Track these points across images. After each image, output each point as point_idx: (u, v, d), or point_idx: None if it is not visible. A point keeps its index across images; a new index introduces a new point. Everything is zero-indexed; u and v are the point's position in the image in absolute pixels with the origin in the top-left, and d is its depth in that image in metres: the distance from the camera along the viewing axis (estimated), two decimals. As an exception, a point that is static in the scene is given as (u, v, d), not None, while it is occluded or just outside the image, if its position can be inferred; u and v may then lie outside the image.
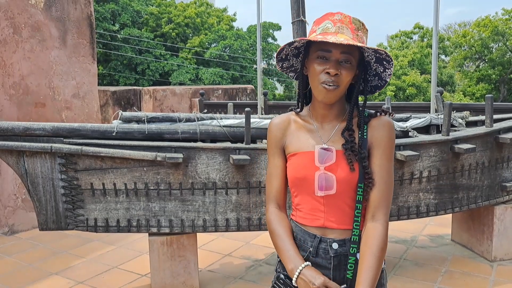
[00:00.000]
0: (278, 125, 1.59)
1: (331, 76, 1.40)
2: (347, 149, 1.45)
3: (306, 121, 1.56)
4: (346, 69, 1.41)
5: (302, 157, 1.50)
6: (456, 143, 3.43)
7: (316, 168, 1.46)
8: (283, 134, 1.57)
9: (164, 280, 3.32)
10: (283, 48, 1.50)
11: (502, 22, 25.59)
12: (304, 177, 1.48)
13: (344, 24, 1.42)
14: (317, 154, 1.47)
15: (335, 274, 1.48)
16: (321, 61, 1.42)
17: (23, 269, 3.96)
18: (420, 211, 3.46)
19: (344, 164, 1.45)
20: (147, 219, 3.19)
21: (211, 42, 26.49)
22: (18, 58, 4.94)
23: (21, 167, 3.01)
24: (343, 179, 1.44)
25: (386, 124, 1.49)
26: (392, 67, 1.45)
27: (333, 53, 1.40)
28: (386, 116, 1.51)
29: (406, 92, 23.41)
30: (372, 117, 1.50)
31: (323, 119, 1.53)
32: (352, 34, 1.41)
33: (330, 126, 1.51)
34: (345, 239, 1.47)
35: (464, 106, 6.27)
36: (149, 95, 9.22)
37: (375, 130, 1.48)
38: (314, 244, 1.48)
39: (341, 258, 1.47)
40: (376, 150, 1.47)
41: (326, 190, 1.45)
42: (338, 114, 1.52)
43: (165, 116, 3.43)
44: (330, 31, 1.42)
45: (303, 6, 3.48)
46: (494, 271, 3.69)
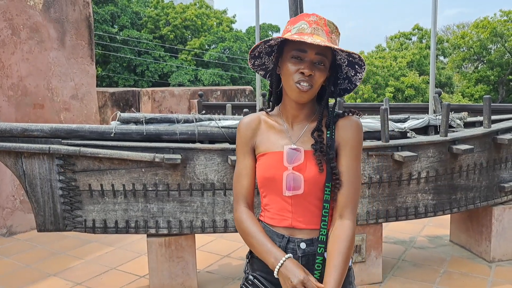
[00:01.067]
0: (248, 124, 1.58)
1: (305, 76, 1.41)
2: (316, 149, 1.45)
3: (276, 121, 1.56)
4: (319, 70, 1.42)
5: (271, 157, 1.50)
6: (454, 143, 3.44)
7: (285, 168, 1.46)
8: (253, 134, 1.56)
9: (163, 281, 3.32)
10: (258, 45, 1.50)
11: (500, 23, 25.64)
12: (272, 177, 1.48)
13: (319, 26, 1.43)
14: (286, 154, 1.47)
15: None
16: (296, 61, 1.42)
17: (21, 270, 3.96)
18: (419, 211, 3.46)
19: (312, 164, 1.45)
20: (145, 220, 3.19)
21: (211, 44, 26.51)
22: (17, 59, 4.94)
23: (19, 168, 3.01)
24: (310, 179, 1.45)
25: (354, 124, 1.50)
26: (364, 71, 1.47)
27: (308, 53, 1.41)
28: (353, 116, 1.52)
29: (404, 93, 23.44)
30: (339, 117, 1.51)
31: (293, 119, 1.53)
32: (327, 36, 1.43)
33: (300, 126, 1.52)
34: (313, 238, 1.48)
35: (462, 107, 6.28)
36: (148, 96, 9.22)
37: (342, 130, 1.49)
38: (282, 244, 1.48)
39: (309, 258, 1.47)
40: (343, 150, 1.48)
41: (294, 190, 1.46)
42: (308, 114, 1.53)
43: (163, 117, 3.43)
44: (305, 31, 1.42)
45: (301, 7, 3.48)
46: (492, 272, 3.69)
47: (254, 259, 1.56)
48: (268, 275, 1.50)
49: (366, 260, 3.47)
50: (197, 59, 25.40)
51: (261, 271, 1.52)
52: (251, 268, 1.57)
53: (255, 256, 1.54)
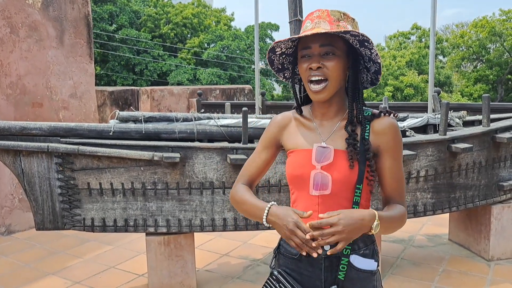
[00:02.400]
0: (278, 122, 1.59)
1: (313, 70, 1.39)
2: (349, 144, 1.42)
3: (307, 119, 1.54)
4: (329, 60, 1.39)
5: (299, 154, 1.49)
6: (453, 142, 3.44)
7: (313, 166, 1.45)
8: (280, 132, 1.57)
9: (162, 280, 3.31)
10: (270, 57, 1.51)
11: (499, 22, 25.65)
12: (300, 175, 1.47)
13: (321, 18, 1.41)
14: (315, 152, 1.45)
15: (326, 274, 1.47)
16: (305, 59, 1.43)
17: (20, 269, 3.95)
18: (418, 210, 3.46)
19: (342, 164, 1.43)
20: (144, 219, 3.18)
21: (209, 43, 26.48)
22: (15, 57, 4.93)
23: (17, 167, 3.00)
24: (339, 179, 1.42)
25: (392, 127, 1.46)
26: (373, 46, 1.40)
27: (312, 48, 1.40)
28: (390, 117, 1.48)
29: (403, 92, 23.45)
30: (375, 117, 1.47)
31: (322, 117, 1.51)
32: (331, 25, 1.39)
33: (330, 124, 1.49)
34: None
35: (461, 106, 6.28)
36: (147, 95, 9.21)
37: (381, 134, 1.45)
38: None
39: (333, 260, 1.46)
40: (385, 154, 1.46)
41: (321, 189, 1.44)
42: (338, 111, 1.50)
43: (162, 115, 3.43)
44: (308, 29, 1.42)
45: (301, 5, 3.47)
46: (491, 271, 3.70)
47: (280, 255, 1.56)
48: (293, 272, 1.51)
49: (365, 258, 3.47)
50: (196, 58, 25.39)
51: (287, 267, 1.53)
52: (277, 263, 1.57)
53: (282, 251, 1.55)
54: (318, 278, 1.47)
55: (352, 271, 1.45)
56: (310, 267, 1.48)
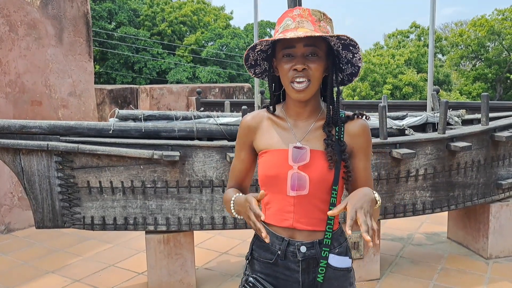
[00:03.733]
0: (249, 121, 1.55)
1: (299, 72, 1.37)
2: (328, 145, 1.42)
3: (280, 118, 1.51)
4: (313, 62, 1.38)
5: (274, 155, 1.46)
6: (452, 141, 3.45)
7: (290, 167, 1.42)
8: (253, 131, 1.54)
9: (161, 278, 3.32)
10: (248, 53, 1.47)
11: (497, 21, 25.66)
12: (276, 175, 1.43)
13: (303, 18, 1.39)
14: (291, 152, 1.43)
15: (303, 277, 1.46)
16: (288, 59, 1.39)
17: (20, 267, 3.96)
18: (416, 208, 3.47)
19: (319, 165, 1.42)
20: (144, 217, 3.19)
21: (208, 41, 26.45)
22: (14, 56, 4.92)
23: (17, 165, 3.00)
24: (317, 179, 1.41)
25: (365, 128, 1.48)
26: (359, 50, 1.40)
27: (297, 48, 1.37)
28: (362, 119, 1.49)
29: (402, 91, 23.46)
30: (349, 119, 1.48)
31: (297, 117, 1.49)
32: (314, 25, 1.38)
33: (305, 124, 1.48)
34: (314, 241, 1.45)
35: (460, 105, 6.29)
36: (146, 94, 9.20)
37: (355, 136, 1.46)
38: (282, 247, 1.46)
39: (310, 261, 1.45)
40: (359, 155, 1.48)
41: (298, 190, 1.42)
42: (313, 111, 1.49)
43: (162, 114, 3.43)
44: (290, 27, 1.38)
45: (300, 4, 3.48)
46: (489, 269, 3.71)
47: (254, 260, 1.54)
48: (269, 277, 1.49)
49: (364, 257, 3.48)
50: (194, 56, 25.36)
51: (261, 272, 1.51)
52: (251, 269, 1.55)
53: (255, 256, 1.53)
54: (295, 281, 1.46)
55: (329, 271, 1.45)
56: (286, 270, 1.47)
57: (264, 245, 1.50)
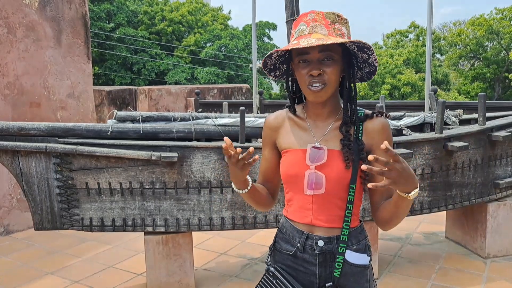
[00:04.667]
0: (272, 122, 1.61)
1: (315, 77, 1.40)
2: (344, 145, 1.45)
3: (300, 118, 1.56)
4: (329, 66, 1.40)
5: (293, 154, 1.51)
6: (449, 141, 3.46)
7: (307, 166, 1.47)
8: (275, 131, 1.59)
9: (160, 279, 3.33)
10: (265, 61, 1.51)
11: (496, 21, 25.70)
12: (294, 174, 1.49)
13: (317, 22, 1.41)
14: (309, 152, 1.47)
15: (320, 270, 1.50)
16: (304, 65, 1.42)
17: (19, 269, 3.96)
18: (414, 208, 3.48)
19: (335, 164, 1.45)
20: (143, 218, 3.20)
21: (206, 42, 26.46)
22: (13, 58, 4.93)
23: (16, 167, 3.01)
24: (333, 179, 1.45)
25: (384, 126, 1.49)
26: (374, 52, 1.42)
27: (311, 54, 1.40)
28: (382, 117, 1.51)
29: (401, 90, 23.48)
30: (368, 118, 1.50)
31: (316, 117, 1.53)
32: (328, 29, 1.40)
33: (324, 125, 1.51)
34: (331, 237, 1.49)
35: (457, 104, 6.30)
36: (145, 95, 9.21)
37: (374, 134, 1.48)
38: (301, 240, 1.51)
39: (327, 256, 1.49)
40: (379, 153, 1.46)
41: (315, 189, 1.46)
42: (332, 111, 1.52)
43: (160, 115, 3.44)
44: (304, 33, 1.41)
45: (297, 5, 3.49)
46: (487, 268, 3.73)
47: (276, 251, 1.59)
48: (289, 268, 1.54)
49: (362, 257, 3.49)
50: (193, 57, 25.37)
51: (282, 263, 1.55)
52: (273, 260, 1.60)
53: (278, 248, 1.58)
54: (312, 274, 1.50)
55: (346, 266, 1.48)
56: (305, 263, 1.51)
57: (286, 238, 1.56)
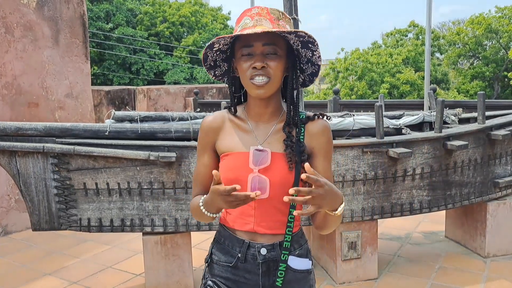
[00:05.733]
0: (210, 123, 1.51)
1: (258, 70, 1.35)
2: (287, 146, 1.40)
3: (241, 120, 1.49)
4: (273, 60, 1.36)
5: (235, 157, 1.43)
6: (448, 140, 3.45)
7: (250, 170, 1.38)
8: (215, 133, 1.51)
9: (159, 279, 3.32)
10: (206, 53, 1.44)
11: (495, 19, 25.70)
12: (236, 178, 1.39)
13: (262, 16, 1.36)
14: (252, 155, 1.39)
15: (264, 280, 1.45)
16: (247, 58, 1.37)
17: (17, 269, 3.95)
18: (414, 208, 3.47)
19: (279, 167, 1.40)
20: (141, 219, 3.18)
21: (206, 41, 26.43)
22: (11, 58, 4.91)
23: (13, 167, 2.99)
24: (277, 182, 1.38)
25: (325, 129, 1.46)
26: (318, 48, 1.38)
27: (255, 46, 1.35)
28: (323, 119, 1.48)
29: (400, 89, 23.48)
30: (309, 120, 1.46)
31: (258, 118, 1.47)
32: (272, 24, 1.36)
33: (267, 126, 1.46)
34: (274, 243, 1.44)
35: (457, 103, 6.30)
36: (143, 95, 9.19)
37: (315, 136, 1.45)
38: (243, 249, 1.45)
39: (270, 264, 1.44)
40: (319, 155, 1.45)
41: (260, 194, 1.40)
42: (274, 112, 1.47)
43: (158, 115, 3.42)
44: (248, 26, 1.36)
45: (296, 4, 3.47)
46: (487, 267, 3.72)
47: (213, 264, 1.53)
48: (228, 281, 1.48)
49: (362, 256, 3.48)
50: (192, 57, 25.36)
51: (221, 276, 1.49)
52: (210, 273, 1.53)
53: (215, 260, 1.52)
54: (255, 284, 1.45)
55: (289, 273, 1.44)
56: (246, 273, 1.45)
57: (224, 248, 1.49)
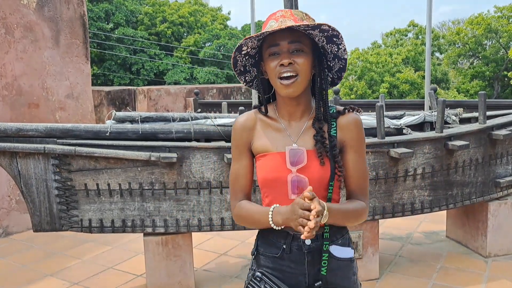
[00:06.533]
0: (244, 124, 1.53)
1: (285, 67, 1.38)
2: (317, 141, 1.43)
3: (273, 119, 1.52)
4: (299, 57, 1.39)
5: (272, 158, 1.46)
6: (449, 140, 3.45)
7: (288, 171, 1.43)
8: (249, 134, 1.52)
9: (160, 280, 3.31)
10: (235, 57, 1.48)
11: (495, 19, 25.70)
12: (275, 179, 1.44)
13: (286, 17, 1.40)
14: (288, 155, 1.44)
15: (309, 269, 1.48)
16: (274, 57, 1.41)
17: (18, 270, 3.94)
18: (415, 208, 3.47)
19: (315, 164, 1.43)
20: (142, 219, 3.18)
21: (205, 41, 26.44)
22: (11, 58, 4.91)
23: (14, 169, 2.99)
24: (315, 179, 1.43)
25: (356, 122, 1.49)
26: (343, 41, 1.41)
27: (281, 45, 1.39)
28: (354, 113, 1.50)
29: (399, 89, 23.47)
30: (340, 114, 1.49)
31: (290, 117, 1.50)
32: (296, 23, 1.38)
33: (299, 124, 1.49)
34: (318, 234, 1.47)
35: (457, 103, 6.29)
36: (144, 95, 9.19)
37: (346, 130, 1.47)
38: (287, 241, 1.48)
39: (315, 254, 1.47)
40: (350, 149, 1.48)
41: (300, 193, 1.42)
42: (305, 110, 1.50)
43: (159, 115, 3.42)
44: (273, 27, 1.39)
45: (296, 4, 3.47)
46: (488, 267, 3.71)
47: (260, 255, 1.56)
48: (275, 271, 1.51)
49: (363, 256, 3.48)
50: (192, 57, 25.35)
51: (267, 267, 1.53)
52: (257, 264, 1.57)
53: (261, 252, 1.55)
54: (301, 273, 1.48)
55: (332, 262, 1.48)
56: (292, 263, 1.49)
57: (268, 241, 1.53)
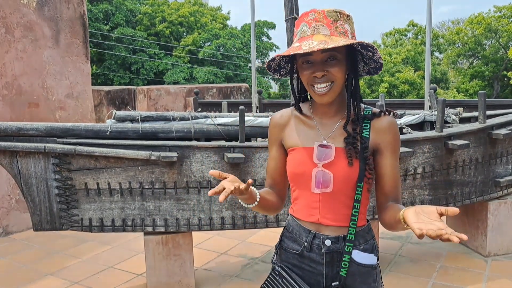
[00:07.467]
0: (277, 120, 1.60)
1: (319, 78, 1.39)
2: (348, 143, 1.44)
3: (307, 116, 1.55)
4: (333, 66, 1.39)
5: (300, 152, 1.50)
6: (449, 139, 3.45)
7: (314, 165, 1.46)
8: (281, 129, 1.58)
9: (160, 279, 3.32)
10: (269, 64, 1.52)
11: (494, 19, 25.71)
12: (302, 173, 1.48)
13: (319, 22, 1.38)
14: (316, 150, 1.46)
15: (327, 270, 1.49)
16: (307, 65, 1.41)
17: (18, 270, 3.94)
18: (415, 207, 3.46)
19: (343, 162, 1.44)
20: (142, 219, 3.18)
21: (205, 41, 26.44)
22: (11, 58, 4.91)
23: (14, 168, 2.99)
24: (340, 177, 1.44)
25: (392, 125, 1.48)
26: (377, 51, 1.42)
27: (314, 54, 1.39)
28: (390, 116, 1.50)
29: (399, 88, 23.48)
30: (375, 116, 1.48)
31: (323, 115, 1.52)
32: (330, 28, 1.38)
33: (331, 122, 1.50)
34: (339, 236, 1.48)
35: (457, 103, 6.30)
36: (144, 95, 9.19)
37: (382, 133, 1.47)
38: (308, 239, 1.50)
39: (334, 255, 1.48)
40: (386, 152, 1.47)
41: (323, 187, 1.45)
42: (339, 109, 1.50)
43: (159, 115, 3.43)
44: (306, 34, 1.39)
45: (296, 3, 3.48)
46: (488, 266, 3.72)
47: (282, 250, 1.58)
48: (295, 267, 1.53)
49: (363, 256, 3.48)
50: (191, 57, 25.35)
51: (288, 262, 1.54)
52: (279, 258, 1.59)
53: (284, 246, 1.57)
54: (319, 273, 1.49)
55: (353, 266, 1.47)
56: (311, 262, 1.50)
57: (292, 236, 1.54)
